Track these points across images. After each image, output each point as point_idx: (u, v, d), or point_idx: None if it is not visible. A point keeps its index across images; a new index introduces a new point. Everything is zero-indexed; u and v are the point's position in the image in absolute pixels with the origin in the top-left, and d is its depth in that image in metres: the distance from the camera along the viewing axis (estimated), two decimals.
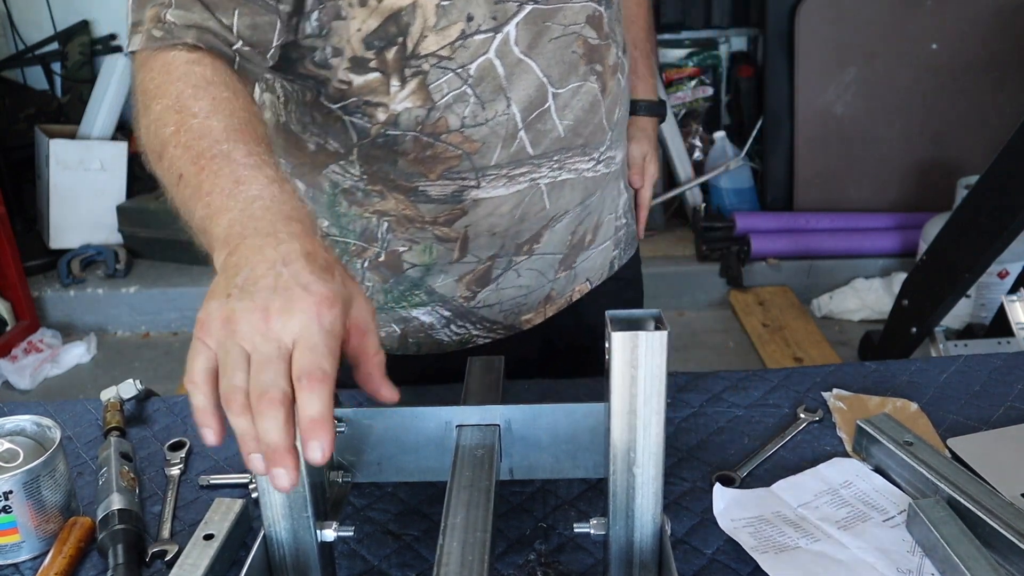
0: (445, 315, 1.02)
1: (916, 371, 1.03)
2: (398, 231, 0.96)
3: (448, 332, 1.03)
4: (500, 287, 1.02)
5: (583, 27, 0.89)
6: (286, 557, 0.69)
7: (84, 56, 3.91)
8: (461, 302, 1.01)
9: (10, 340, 3.04)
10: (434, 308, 1.02)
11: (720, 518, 0.78)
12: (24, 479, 0.76)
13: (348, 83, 0.86)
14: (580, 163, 0.96)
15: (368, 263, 1.00)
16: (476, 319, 1.03)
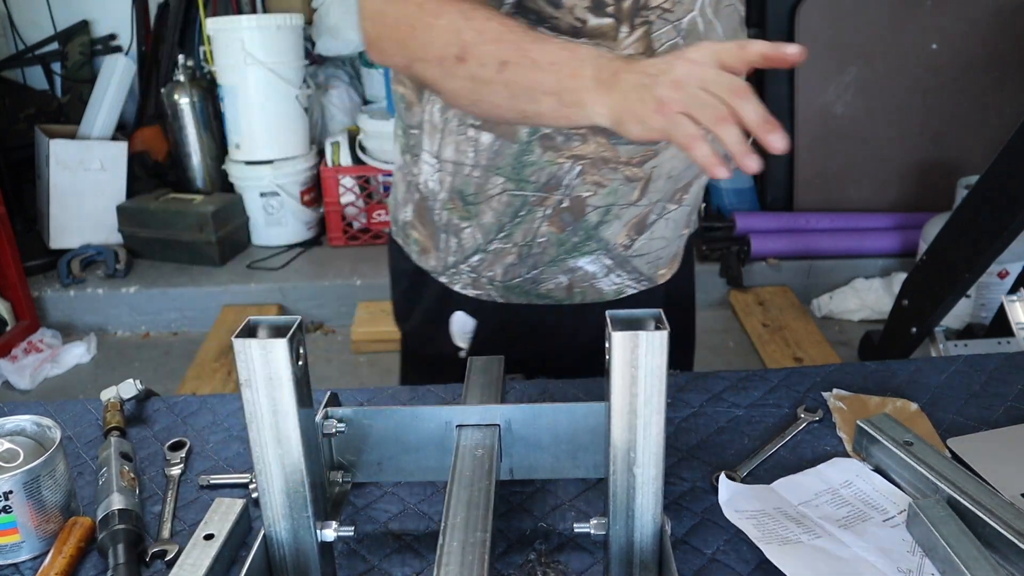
0: (607, 263, 1.06)
1: (916, 371, 1.03)
2: (588, 174, 0.98)
3: (608, 281, 1.08)
4: (652, 236, 1.06)
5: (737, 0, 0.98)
6: (286, 557, 0.69)
7: (84, 56, 3.91)
8: (620, 250, 1.05)
9: (10, 340, 3.04)
10: (598, 256, 1.05)
11: (725, 508, 0.79)
12: (24, 479, 0.76)
13: (583, 22, 0.90)
14: None
15: (550, 211, 1.01)
16: (630, 268, 1.07)
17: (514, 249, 1.04)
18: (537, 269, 1.05)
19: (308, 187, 3.47)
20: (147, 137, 3.69)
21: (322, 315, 3.26)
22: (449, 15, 0.82)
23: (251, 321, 0.64)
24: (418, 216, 1.09)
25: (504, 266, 1.05)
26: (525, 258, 1.04)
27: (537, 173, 0.99)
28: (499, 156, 0.99)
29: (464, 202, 1.03)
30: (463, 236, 1.05)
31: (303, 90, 3.38)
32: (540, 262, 1.04)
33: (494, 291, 1.08)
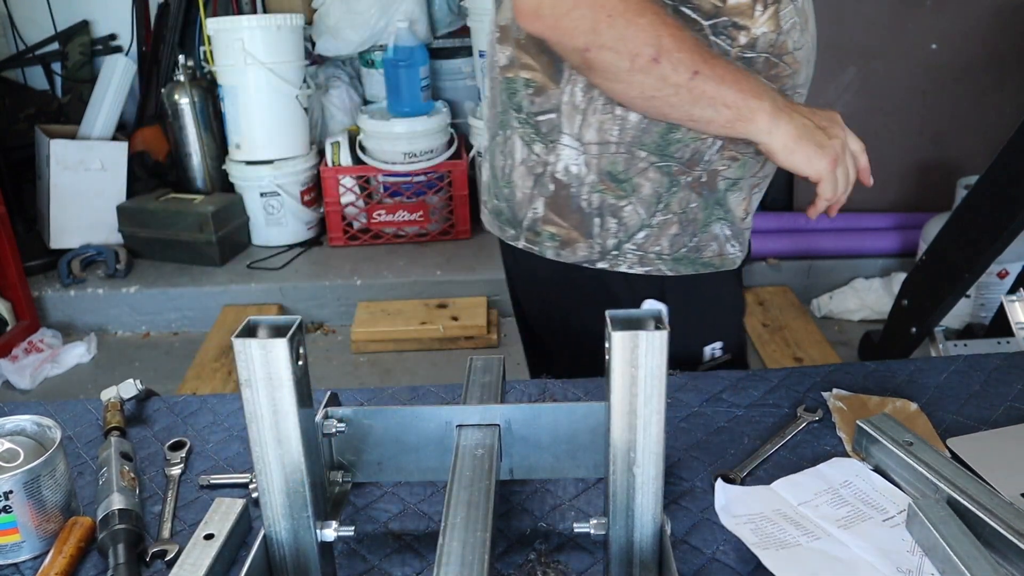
0: (727, 233, 1.10)
1: (916, 371, 1.03)
2: (726, 150, 1.04)
3: (729, 247, 1.12)
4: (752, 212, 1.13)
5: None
6: (286, 557, 0.69)
7: (84, 56, 3.91)
8: (738, 222, 1.11)
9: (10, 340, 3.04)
10: (723, 225, 1.09)
11: (721, 514, 0.78)
12: (24, 479, 0.76)
13: (724, 1, 0.97)
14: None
15: (690, 181, 1.05)
16: (742, 240, 1.13)
17: (675, 219, 1.06)
18: (696, 237, 1.08)
19: (308, 187, 3.48)
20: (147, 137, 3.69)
21: (322, 315, 3.26)
22: (649, 15, 0.89)
23: (251, 321, 0.64)
24: (553, 209, 1.08)
25: (669, 237, 1.07)
26: (686, 226, 1.07)
27: (682, 149, 1.02)
28: (646, 133, 1.01)
29: (615, 181, 1.04)
30: (624, 214, 1.05)
31: (303, 90, 3.38)
32: (696, 229, 1.07)
33: (663, 264, 1.08)
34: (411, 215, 3.42)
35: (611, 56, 0.90)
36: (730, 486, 0.82)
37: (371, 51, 3.53)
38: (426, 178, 3.36)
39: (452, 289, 3.19)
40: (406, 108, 3.31)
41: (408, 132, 3.27)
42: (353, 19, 3.38)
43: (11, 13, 3.85)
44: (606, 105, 1.00)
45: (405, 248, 3.43)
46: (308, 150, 3.47)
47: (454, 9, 3.57)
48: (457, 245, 3.44)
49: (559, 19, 0.89)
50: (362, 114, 3.41)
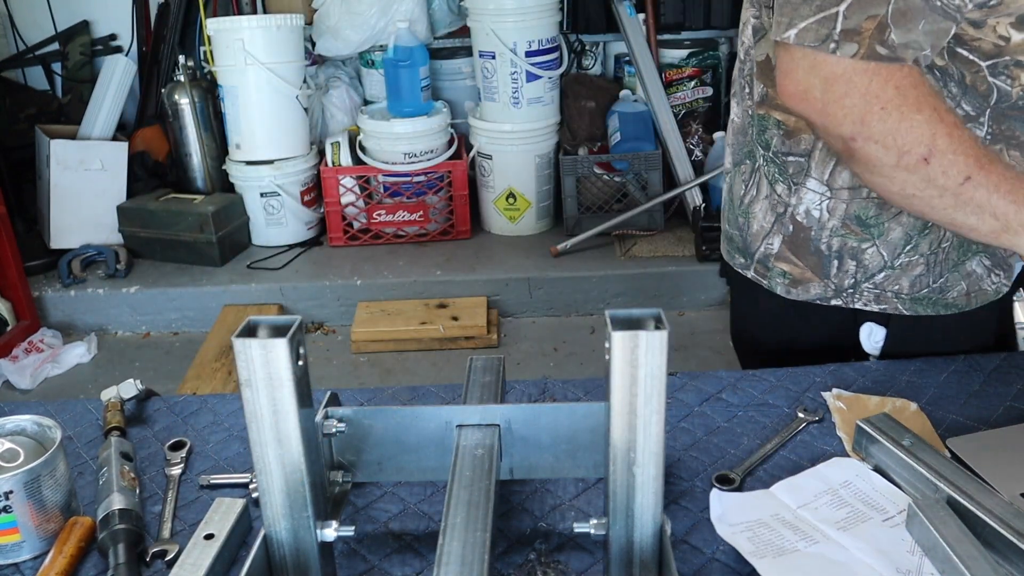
0: (987, 264, 1.05)
1: (916, 371, 1.03)
2: None
3: (989, 281, 1.07)
4: None
5: None
6: (286, 557, 0.69)
7: (85, 56, 3.91)
8: (1001, 251, 1.04)
9: (10, 340, 3.04)
10: (981, 258, 1.05)
11: (717, 524, 0.78)
12: (25, 479, 0.76)
13: (1006, 40, 0.88)
14: None
15: None
16: (1007, 266, 1.06)
17: (921, 260, 1.03)
18: (943, 277, 1.04)
19: (308, 187, 3.47)
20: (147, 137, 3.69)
21: (322, 315, 3.26)
22: (927, 111, 0.83)
23: (251, 321, 0.64)
24: (791, 248, 1.07)
25: (911, 278, 1.05)
26: (932, 267, 1.04)
27: None
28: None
29: (862, 225, 1.02)
30: (865, 257, 1.04)
31: (303, 90, 3.38)
32: (944, 269, 1.04)
33: (900, 304, 1.06)
34: (411, 215, 3.42)
35: (877, 150, 0.85)
36: (726, 494, 0.82)
37: (371, 51, 3.53)
38: (426, 178, 3.36)
39: (452, 289, 3.19)
40: (406, 108, 3.31)
41: (408, 132, 3.27)
42: (353, 19, 3.38)
43: (11, 13, 3.85)
44: None
45: (405, 248, 3.43)
46: (308, 150, 3.47)
47: (454, 9, 3.57)
48: (457, 245, 3.44)
49: (828, 105, 0.85)
50: (362, 114, 3.41)
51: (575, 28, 3.59)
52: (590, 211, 3.45)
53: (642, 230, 3.45)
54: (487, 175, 3.46)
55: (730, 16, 3.56)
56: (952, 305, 1.07)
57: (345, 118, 3.63)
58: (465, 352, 2.98)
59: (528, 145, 3.37)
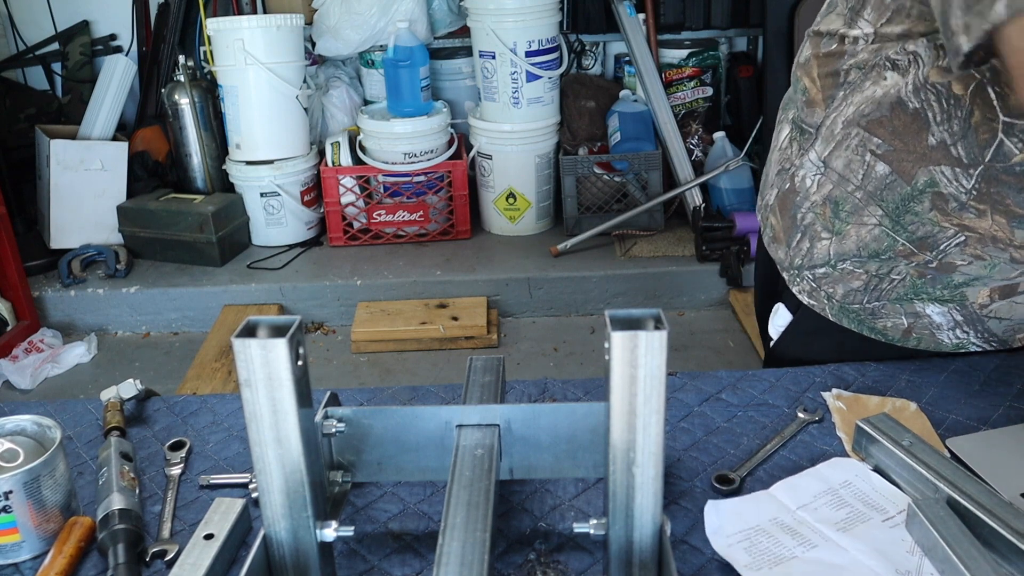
0: (956, 319, 1.01)
1: (916, 371, 1.03)
2: (970, 247, 0.94)
3: (951, 335, 1.03)
4: (1015, 303, 0.98)
5: None
6: (286, 557, 0.69)
7: (85, 56, 3.91)
8: (976, 308, 0.99)
9: (10, 340, 3.04)
10: (950, 310, 1.00)
11: (713, 537, 0.77)
12: (24, 479, 0.76)
13: None
14: None
15: (913, 265, 0.98)
16: (981, 328, 1.01)
17: (864, 276, 1.02)
18: (880, 302, 1.02)
19: (308, 187, 3.48)
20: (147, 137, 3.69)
21: (322, 315, 3.26)
22: None
23: (251, 321, 0.64)
24: (780, 203, 1.10)
25: (847, 288, 1.04)
26: (872, 289, 1.02)
27: (917, 225, 0.95)
28: (887, 191, 0.95)
29: (836, 215, 1.01)
30: (817, 246, 1.04)
31: (303, 90, 3.38)
32: (886, 296, 1.02)
33: (828, 308, 1.07)
34: (411, 215, 3.42)
35: None
36: (722, 503, 0.81)
37: (371, 51, 3.53)
38: (426, 178, 3.36)
39: (452, 289, 3.19)
40: (406, 108, 3.31)
41: (408, 132, 3.27)
42: (353, 19, 3.38)
43: (11, 13, 3.85)
44: (859, 146, 0.96)
45: (405, 248, 3.43)
46: (308, 150, 3.47)
47: (454, 9, 3.57)
48: (457, 245, 3.44)
49: None
50: (362, 114, 3.41)
51: (575, 28, 3.59)
52: (590, 211, 3.45)
53: (642, 230, 3.45)
54: (487, 175, 3.46)
55: (730, 16, 3.56)
56: (880, 332, 1.05)
57: (345, 118, 3.63)
58: (465, 352, 2.98)
59: (528, 145, 3.37)
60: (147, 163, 3.65)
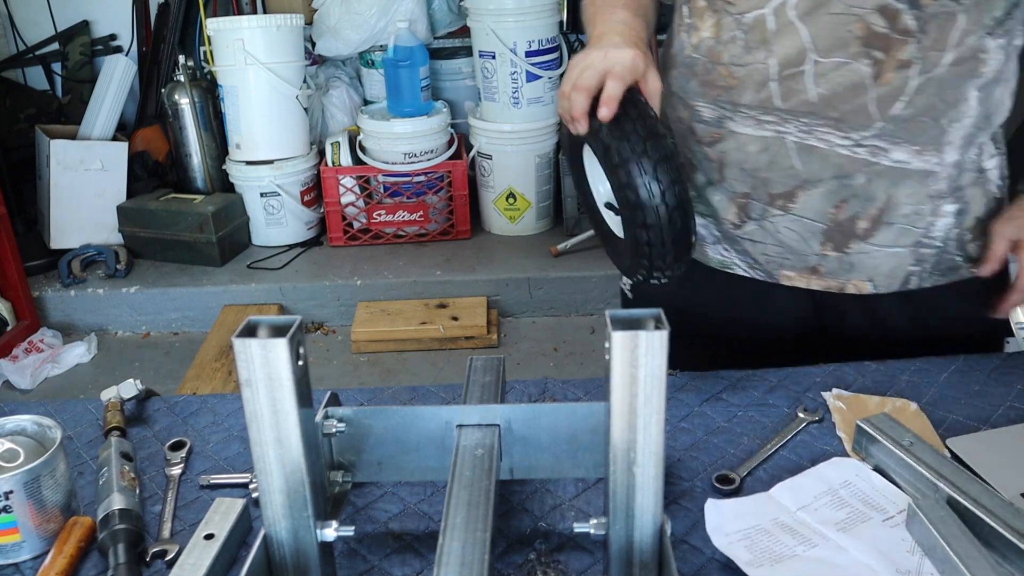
0: (716, 234, 1.12)
1: (916, 371, 1.03)
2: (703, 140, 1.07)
3: (714, 250, 1.13)
4: (764, 229, 1.07)
5: (868, 13, 0.92)
6: (286, 557, 0.69)
7: (85, 56, 3.91)
8: (730, 227, 1.10)
9: (11, 340, 3.04)
10: (709, 223, 1.12)
11: (714, 535, 0.77)
12: (25, 479, 0.76)
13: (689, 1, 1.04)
14: (832, 136, 0.98)
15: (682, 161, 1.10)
16: (740, 249, 1.11)
17: None
18: None
19: (308, 187, 3.48)
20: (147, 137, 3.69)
21: (322, 315, 3.26)
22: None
23: (251, 321, 0.64)
24: None
25: None
26: None
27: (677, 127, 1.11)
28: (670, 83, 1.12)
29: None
30: None
31: (303, 90, 3.38)
32: None
33: None
34: (411, 215, 3.42)
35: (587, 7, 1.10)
36: (723, 502, 0.81)
37: (371, 51, 3.53)
38: (426, 178, 3.36)
39: (452, 289, 3.19)
40: (406, 108, 3.31)
41: (408, 132, 3.27)
42: (353, 19, 3.38)
43: (11, 13, 3.85)
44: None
45: (405, 248, 3.43)
46: (308, 150, 3.47)
47: (454, 9, 3.57)
48: (457, 245, 3.44)
49: None
50: (362, 114, 3.41)
51: (575, 28, 3.59)
52: None
53: None
54: (487, 175, 3.46)
55: None
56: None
57: (345, 118, 3.63)
58: (465, 352, 2.98)
59: (528, 145, 3.37)
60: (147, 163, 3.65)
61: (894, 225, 1.03)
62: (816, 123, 0.98)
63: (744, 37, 0.99)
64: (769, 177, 1.03)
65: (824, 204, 1.03)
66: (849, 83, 0.95)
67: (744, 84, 1.00)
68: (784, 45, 0.96)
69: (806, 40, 0.95)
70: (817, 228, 1.04)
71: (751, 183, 1.05)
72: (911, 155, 0.99)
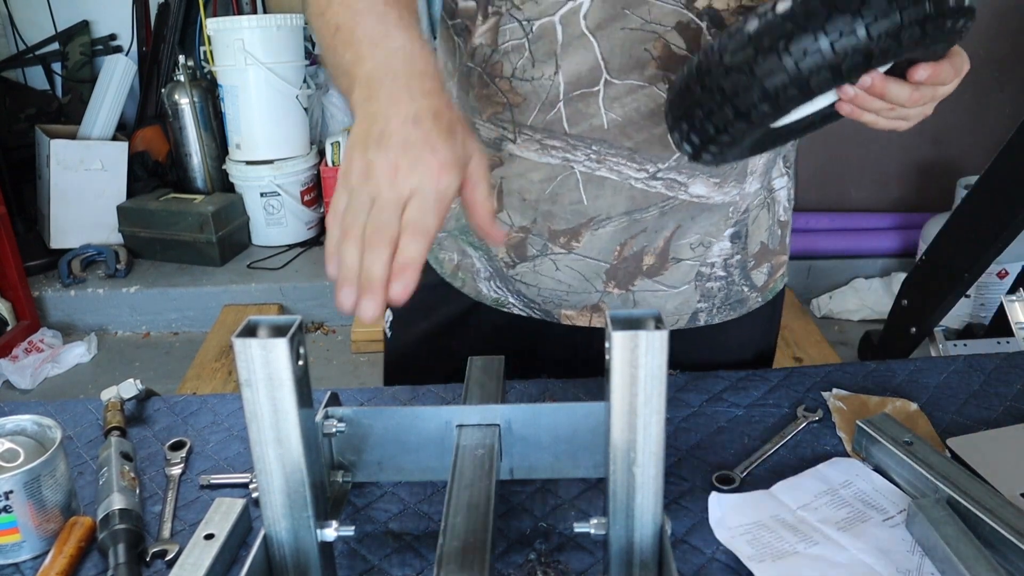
0: (489, 270, 1.02)
1: (916, 371, 1.03)
2: None
3: (489, 286, 1.03)
4: (538, 270, 0.98)
5: (668, 30, 0.83)
6: (286, 557, 0.69)
7: (84, 56, 3.91)
8: (501, 265, 1.00)
9: (11, 340, 3.04)
10: (481, 257, 1.02)
11: (716, 528, 0.77)
12: (25, 479, 0.76)
13: (456, 4, 0.90)
14: (626, 167, 0.89)
15: None
16: (514, 289, 1.02)
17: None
18: (444, 232, 1.04)
19: (308, 187, 3.48)
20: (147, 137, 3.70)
21: (322, 315, 3.26)
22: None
23: (251, 321, 0.64)
24: None
25: None
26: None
27: None
28: None
29: None
30: None
31: (303, 90, 3.38)
32: (446, 226, 1.03)
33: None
34: None
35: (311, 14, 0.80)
36: (725, 496, 0.81)
37: None
38: None
39: None
40: None
41: None
42: None
43: (11, 13, 3.86)
44: None
45: None
46: (308, 150, 3.47)
47: None
48: None
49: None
50: None
51: None
52: None
53: None
54: None
55: None
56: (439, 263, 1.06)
57: (345, 118, 3.63)
58: None
59: None
60: (147, 163, 3.66)
61: (683, 263, 0.98)
62: (608, 152, 0.88)
63: (530, 48, 0.86)
64: (552, 211, 0.93)
65: (611, 243, 0.95)
66: (645, 109, 0.85)
67: (529, 102, 0.88)
68: (574, 61, 0.85)
69: (599, 57, 0.84)
70: (601, 268, 0.97)
71: (532, 216, 0.95)
72: (711, 189, 0.91)
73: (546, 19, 0.84)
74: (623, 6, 0.82)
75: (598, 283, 0.99)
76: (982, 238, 2.22)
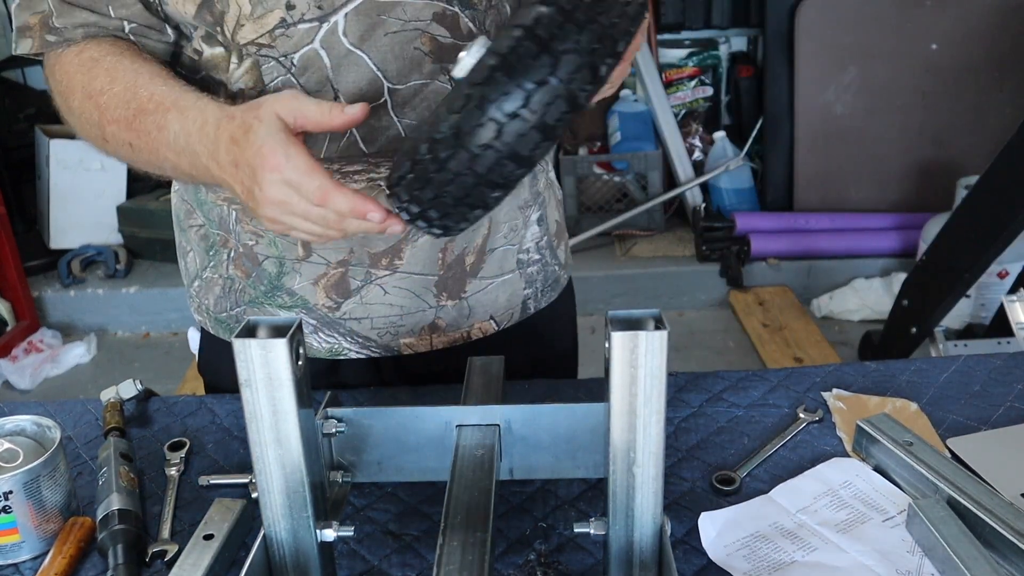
0: (311, 322, 0.98)
1: (916, 371, 1.03)
2: (244, 221, 0.94)
3: (317, 339, 0.99)
4: (366, 301, 0.96)
5: (429, 24, 0.84)
6: (286, 557, 0.69)
7: None
8: (325, 311, 0.96)
9: (10, 340, 3.04)
10: (298, 313, 0.97)
11: (710, 549, 0.76)
12: (24, 479, 0.76)
13: (199, 53, 0.88)
14: None
15: (231, 255, 0.98)
16: (344, 331, 0.98)
17: (220, 281, 1.00)
18: (240, 307, 1.00)
19: None
20: None
21: None
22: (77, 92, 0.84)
23: (251, 321, 0.64)
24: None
25: (214, 297, 1.02)
26: (228, 293, 1.00)
27: (212, 212, 0.97)
28: (186, 191, 1.00)
29: (179, 226, 1.04)
30: (188, 258, 1.05)
31: None
32: (241, 301, 0.99)
33: (207, 320, 1.05)
34: None
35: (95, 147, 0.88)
36: (718, 513, 0.79)
37: None
38: None
39: None
40: None
41: None
42: None
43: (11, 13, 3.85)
44: None
45: None
46: None
47: None
48: None
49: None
50: None
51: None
52: (590, 211, 3.45)
53: (642, 230, 3.45)
54: None
55: (730, 16, 3.56)
56: None
57: None
58: None
59: None
60: None
61: (497, 250, 0.98)
62: None
63: (298, 81, 0.84)
64: (368, 237, 0.91)
65: (432, 251, 0.94)
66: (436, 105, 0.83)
67: (316, 136, 0.85)
68: (350, 79, 0.84)
69: (374, 69, 0.84)
70: (430, 281, 0.96)
71: (347, 246, 0.92)
72: None
73: (306, 48, 0.83)
74: (377, 12, 0.82)
75: (430, 298, 0.97)
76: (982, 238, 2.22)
